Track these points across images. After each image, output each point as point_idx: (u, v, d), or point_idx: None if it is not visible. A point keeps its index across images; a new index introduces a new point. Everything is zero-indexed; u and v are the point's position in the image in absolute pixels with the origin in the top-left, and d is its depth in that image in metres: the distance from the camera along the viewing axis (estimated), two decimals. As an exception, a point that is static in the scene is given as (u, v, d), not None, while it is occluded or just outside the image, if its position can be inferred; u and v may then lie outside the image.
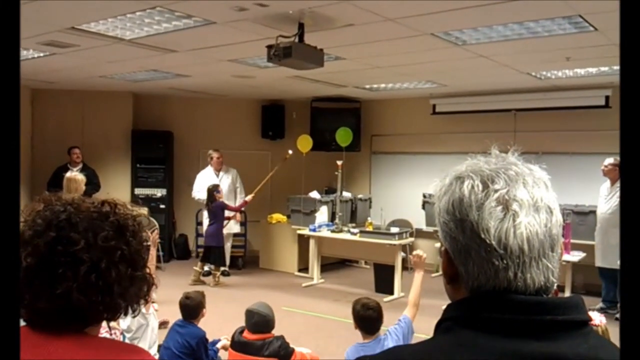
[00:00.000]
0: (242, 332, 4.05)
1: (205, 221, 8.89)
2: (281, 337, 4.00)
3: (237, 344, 4.01)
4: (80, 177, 6.01)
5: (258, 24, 5.02)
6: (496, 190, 0.91)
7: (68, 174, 6.24)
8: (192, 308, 4.32)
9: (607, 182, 6.95)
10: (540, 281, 0.90)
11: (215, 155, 9.01)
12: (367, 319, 3.45)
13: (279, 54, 4.86)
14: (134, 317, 1.29)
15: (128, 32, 5.50)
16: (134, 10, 4.78)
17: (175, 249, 10.17)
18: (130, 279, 1.18)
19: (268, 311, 4.04)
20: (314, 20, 4.85)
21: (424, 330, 1.16)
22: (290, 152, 8.92)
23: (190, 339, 4.17)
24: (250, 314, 4.03)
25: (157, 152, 9.93)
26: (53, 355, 1.07)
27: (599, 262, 6.94)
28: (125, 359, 1.13)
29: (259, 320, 3.98)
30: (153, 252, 4.33)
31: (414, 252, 3.53)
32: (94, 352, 1.12)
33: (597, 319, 2.85)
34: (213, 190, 8.35)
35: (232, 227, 9.01)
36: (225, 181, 8.95)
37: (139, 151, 9.89)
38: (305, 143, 9.63)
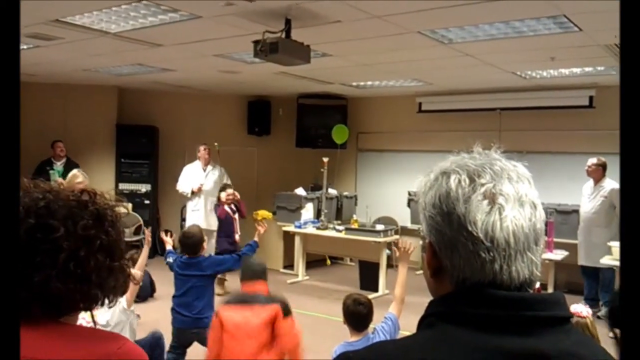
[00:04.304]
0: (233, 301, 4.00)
1: (191, 214, 8.81)
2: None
3: (239, 299, 3.84)
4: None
5: (245, 19, 5.00)
6: (483, 184, 0.92)
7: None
8: (193, 245, 4.53)
9: (590, 182, 7.01)
10: (525, 274, 0.91)
11: (201, 148, 8.94)
12: (357, 314, 3.42)
13: (266, 49, 4.84)
14: (110, 307, 1.27)
15: (113, 25, 5.45)
16: (119, 4, 4.74)
17: (159, 245, 10.10)
18: (108, 269, 1.17)
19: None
20: (301, 16, 4.84)
21: (408, 328, 1.16)
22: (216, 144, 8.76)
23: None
24: (252, 262, 4.03)
25: (141, 147, 9.86)
26: (31, 344, 1.05)
27: (581, 261, 7.02)
28: (105, 346, 1.12)
29: (263, 267, 4.01)
30: (146, 251, 4.35)
31: (401, 242, 3.50)
32: (72, 341, 1.11)
33: (584, 311, 2.87)
34: (221, 190, 7.84)
35: (212, 223, 8.90)
36: (211, 177, 8.89)
37: (123, 146, 9.81)
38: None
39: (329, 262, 9.76)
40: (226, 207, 7.66)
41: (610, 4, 4.10)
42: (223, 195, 7.65)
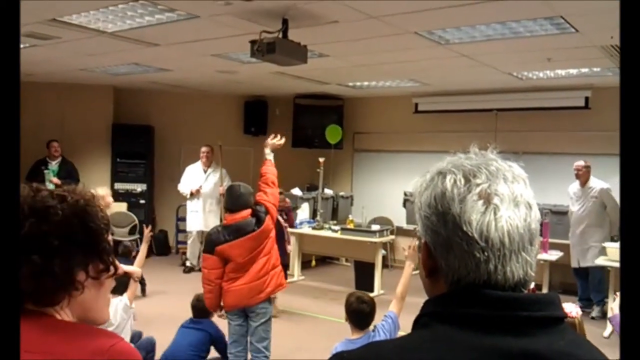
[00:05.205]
0: (223, 230, 4.16)
1: (190, 215, 8.79)
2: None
3: (229, 231, 4.13)
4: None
5: (242, 19, 5.00)
6: (478, 185, 0.92)
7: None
8: (204, 308, 4.46)
9: (576, 183, 7.07)
10: (520, 274, 0.91)
11: (202, 149, 8.89)
12: (360, 313, 3.44)
13: (263, 49, 4.84)
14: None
15: (110, 24, 5.44)
16: (116, 3, 4.73)
17: (154, 245, 10.09)
18: (34, 266, 1.12)
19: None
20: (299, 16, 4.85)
21: (407, 328, 1.16)
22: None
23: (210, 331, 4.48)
24: (235, 187, 4.29)
25: (137, 147, 9.84)
26: (24, 337, 1.06)
27: (574, 263, 7.03)
28: (99, 342, 1.12)
29: (246, 191, 4.25)
30: (144, 248, 4.37)
31: (409, 244, 3.52)
32: (66, 335, 1.11)
33: (574, 311, 2.87)
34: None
35: (211, 224, 8.86)
36: (211, 179, 8.84)
37: (119, 145, 9.79)
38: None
39: (314, 263, 9.72)
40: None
41: (606, 4, 4.11)
42: None
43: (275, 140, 4.65)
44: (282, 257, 6.68)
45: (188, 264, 8.85)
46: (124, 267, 3.91)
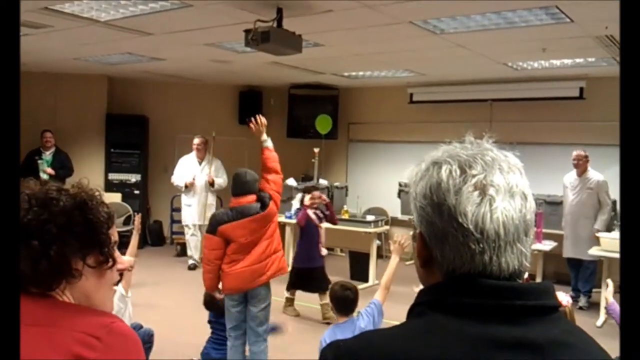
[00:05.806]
0: (229, 215, 4.24)
1: (185, 208, 8.71)
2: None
3: (234, 212, 4.24)
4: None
5: (236, 8, 4.97)
6: (474, 176, 0.92)
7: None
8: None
9: (572, 173, 7.07)
10: (514, 265, 0.91)
11: (195, 141, 8.75)
12: (344, 299, 3.54)
13: (257, 38, 4.82)
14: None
15: (103, 13, 5.40)
16: (109, -9, 4.70)
17: (149, 236, 10.09)
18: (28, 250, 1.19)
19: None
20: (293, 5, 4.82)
21: (393, 316, 1.15)
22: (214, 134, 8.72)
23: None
24: (241, 174, 4.43)
25: (131, 137, 9.80)
26: (28, 313, 1.13)
27: (568, 253, 7.06)
28: (99, 319, 1.17)
29: (252, 178, 4.41)
30: (135, 238, 4.37)
31: (395, 239, 3.58)
32: (68, 312, 1.17)
33: (564, 300, 2.90)
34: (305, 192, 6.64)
35: (203, 217, 8.79)
36: (206, 171, 8.73)
37: (113, 135, 9.75)
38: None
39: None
40: (309, 212, 6.37)
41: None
42: (307, 198, 6.50)
43: (255, 126, 4.74)
44: (316, 260, 6.34)
45: (192, 261, 8.52)
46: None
